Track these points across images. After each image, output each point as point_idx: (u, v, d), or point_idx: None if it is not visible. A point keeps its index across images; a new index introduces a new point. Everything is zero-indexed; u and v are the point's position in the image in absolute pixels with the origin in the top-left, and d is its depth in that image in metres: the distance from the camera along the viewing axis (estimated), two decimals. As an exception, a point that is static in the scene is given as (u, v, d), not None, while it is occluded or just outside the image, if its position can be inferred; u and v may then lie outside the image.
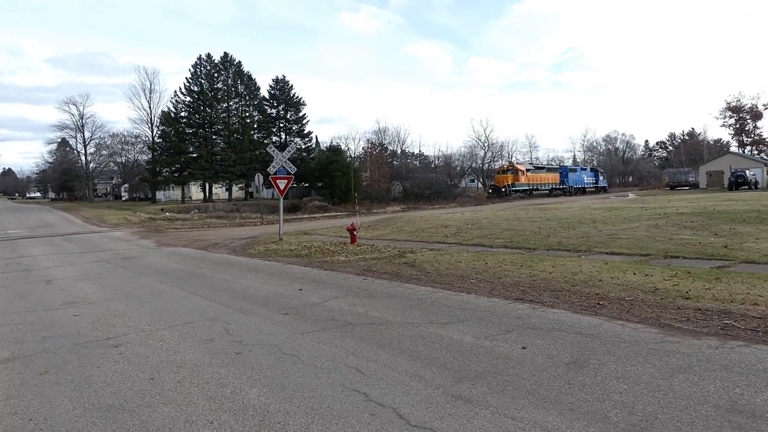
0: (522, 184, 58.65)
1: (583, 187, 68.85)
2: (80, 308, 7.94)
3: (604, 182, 76.01)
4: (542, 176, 63.49)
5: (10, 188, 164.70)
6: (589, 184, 70.73)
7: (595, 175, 74.01)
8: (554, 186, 64.40)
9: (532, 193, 59.93)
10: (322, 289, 8.84)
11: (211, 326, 6.46)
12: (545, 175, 64.31)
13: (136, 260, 14.83)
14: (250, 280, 10.19)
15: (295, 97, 63.38)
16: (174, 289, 9.40)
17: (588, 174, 73.00)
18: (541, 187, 62.18)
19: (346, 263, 12.23)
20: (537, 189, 61.12)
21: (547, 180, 63.92)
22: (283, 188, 18.37)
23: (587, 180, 70.98)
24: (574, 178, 67.78)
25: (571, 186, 66.40)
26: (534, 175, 61.84)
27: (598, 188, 72.29)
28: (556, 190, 64.27)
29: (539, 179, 62.35)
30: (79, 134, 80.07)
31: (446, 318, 6.49)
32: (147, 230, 28.23)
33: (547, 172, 65.92)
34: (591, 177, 72.71)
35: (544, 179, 63.31)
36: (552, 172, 66.90)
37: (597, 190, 71.12)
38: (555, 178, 65.43)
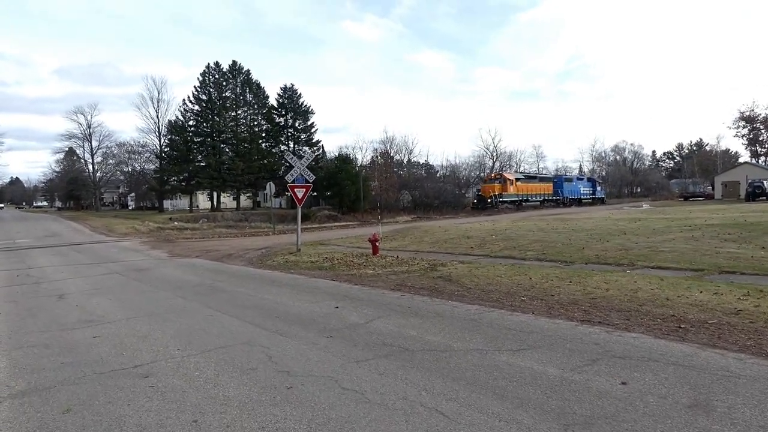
0: (510, 194, 54.84)
1: (579, 197, 65.63)
2: (99, 328, 7.23)
3: (602, 193, 72.92)
4: (533, 186, 59.85)
5: (17, 197, 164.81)
6: (585, 194, 67.49)
7: (592, 185, 70.79)
8: (547, 197, 61.10)
9: (521, 204, 56.04)
10: (360, 307, 8.11)
11: (249, 352, 5.73)
12: (537, 185, 60.68)
13: (150, 272, 14.14)
14: (278, 296, 9.48)
15: (303, 105, 62.96)
16: (197, 306, 8.69)
17: (585, 184, 69.63)
18: (532, 198, 58.68)
19: (375, 277, 11.50)
20: (527, 200, 57.49)
21: (539, 190, 60.45)
22: (302, 197, 17.68)
23: (584, 190, 67.64)
24: (569, 189, 64.55)
25: (566, 197, 63.11)
26: (524, 185, 58.10)
27: (595, 199, 68.92)
28: (548, 201, 61.02)
29: (530, 189, 58.78)
30: (86, 143, 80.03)
31: (514, 343, 5.75)
32: (157, 240, 27.57)
33: (539, 181, 62.43)
34: (588, 187, 69.42)
35: (535, 189, 59.77)
36: (545, 181, 63.51)
37: (594, 201, 67.81)
38: (548, 188, 62.08)
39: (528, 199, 57.26)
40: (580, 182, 68.56)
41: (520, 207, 54.35)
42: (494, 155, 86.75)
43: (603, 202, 69.43)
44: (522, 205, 55.19)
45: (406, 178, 67.84)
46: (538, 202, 58.84)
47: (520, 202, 55.78)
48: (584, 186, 68.29)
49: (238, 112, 60.21)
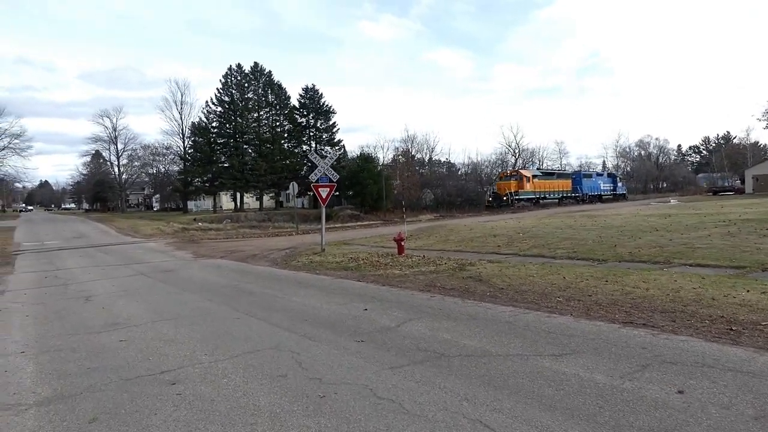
0: (527, 191, 52.53)
1: (599, 194, 63.38)
2: (125, 331, 7.11)
3: (623, 189, 70.43)
4: (551, 183, 57.20)
5: (46, 200, 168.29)
6: (606, 190, 65.19)
7: (612, 181, 68.15)
8: (565, 193, 58.55)
9: (538, 201, 53.92)
10: (389, 309, 7.88)
11: (278, 357, 5.53)
12: (555, 182, 58.03)
13: (176, 273, 14.09)
14: (305, 298, 9.29)
15: (325, 105, 62.96)
16: (224, 309, 8.54)
17: (605, 180, 66.98)
18: (550, 195, 56.19)
19: (402, 277, 11.25)
20: (545, 197, 55.15)
21: (557, 187, 57.79)
22: (326, 197, 17.52)
23: (604, 186, 65.24)
24: (588, 185, 62.07)
25: (586, 193, 60.80)
26: (542, 182, 55.53)
27: (617, 195, 66.75)
28: (567, 198, 58.61)
29: (548, 186, 56.12)
30: (112, 146, 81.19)
31: (555, 348, 5.46)
32: (181, 241, 27.70)
33: (557, 178, 59.77)
34: (608, 183, 66.92)
35: (553, 186, 57.11)
36: (563, 178, 60.92)
37: (615, 198, 65.66)
38: (566, 184, 59.37)
39: (545, 197, 55.10)
40: (599, 178, 66.06)
41: (537, 204, 52.58)
42: (516, 152, 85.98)
43: (624, 198, 67.28)
44: (539, 203, 53.33)
45: (428, 177, 67.47)
46: (557, 200, 56.70)
47: (538, 199, 53.78)
48: (604, 182, 65.91)
49: (260, 113, 60.46)
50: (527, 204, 51.12)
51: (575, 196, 59.21)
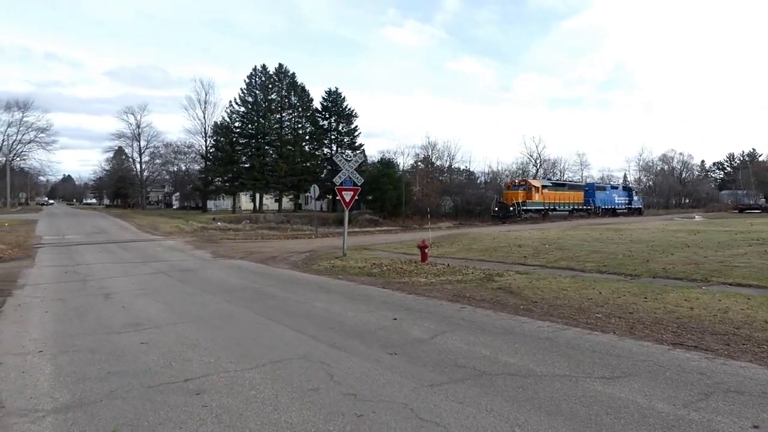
0: (536, 202, 49.56)
1: (614, 207, 59.82)
2: (146, 333, 6.85)
3: (639, 203, 66.61)
4: (561, 194, 53.87)
5: (68, 194, 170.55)
6: (620, 204, 61.68)
7: (628, 195, 64.47)
8: (577, 206, 55.29)
9: (547, 213, 50.64)
10: (419, 320, 7.53)
11: (307, 368, 5.22)
12: (566, 194, 54.71)
13: (195, 273, 13.88)
14: (329, 303, 8.98)
15: (347, 109, 62.83)
16: (246, 312, 8.26)
17: (620, 193, 63.56)
18: (560, 207, 52.94)
19: (429, 286, 10.90)
20: (555, 209, 51.88)
21: (568, 199, 54.48)
22: (349, 200, 17.23)
23: (618, 200, 61.67)
24: (602, 197, 58.68)
25: (598, 206, 57.27)
26: (551, 193, 52.31)
27: (632, 209, 63.12)
28: (578, 210, 55.30)
29: (558, 198, 52.90)
30: (135, 143, 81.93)
31: (604, 369, 5.08)
32: (200, 240, 27.59)
33: (568, 189, 56.38)
34: (623, 196, 63.31)
35: (563, 198, 53.85)
36: (574, 189, 57.47)
37: (630, 212, 62.30)
38: (578, 196, 56.08)
39: (555, 208, 52.06)
40: (614, 191, 63.12)
41: (546, 217, 49.82)
42: (537, 162, 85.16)
43: (640, 212, 64.48)
44: (548, 215, 50.44)
45: (448, 184, 66.96)
46: (567, 212, 53.63)
47: (546, 211, 50.81)
48: (619, 195, 62.88)
49: (282, 114, 60.51)
50: (535, 215, 48.73)
51: (587, 209, 56.42)
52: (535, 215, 48.46)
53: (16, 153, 76.77)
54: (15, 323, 7.66)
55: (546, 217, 49.33)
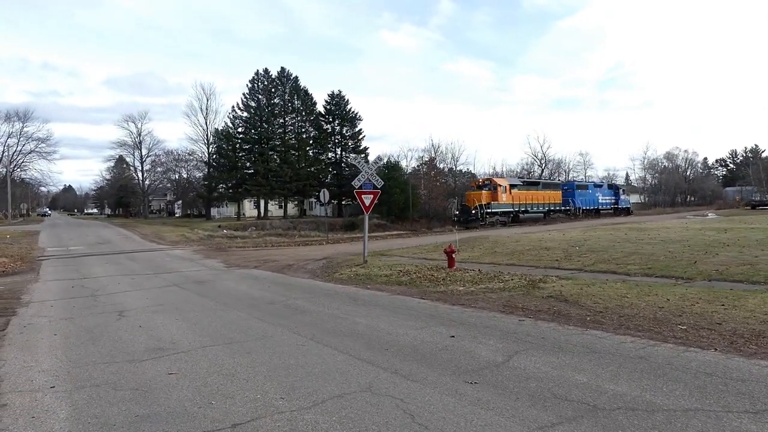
0: (502, 204, 43.27)
1: (597, 208, 54.28)
2: (172, 360, 5.94)
3: (626, 202, 60.60)
4: (535, 194, 47.65)
5: (69, 204, 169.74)
6: (605, 204, 56.03)
7: (614, 194, 58.72)
8: (554, 207, 49.16)
9: (517, 216, 44.79)
10: (480, 337, 6.62)
11: (378, 405, 4.30)
12: (539, 193, 48.53)
13: (212, 285, 12.98)
14: (370, 318, 8.07)
15: (351, 111, 62.06)
16: (281, 331, 7.34)
17: (604, 192, 57.40)
18: (533, 209, 46.83)
19: (471, 296, 9.99)
20: (526, 211, 45.92)
21: (543, 199, 48.41)
22: (369, 204, 16.33)
23: (603, 199, 55.87)
24: (584, 197, 52.89)
25: (579, 207, 51.36)
26: (522, 193, 46.10)
27: (618, 209, 57.55)
28: (556, 212, 49.20)
29: (530, 198, 46.63)
30: (136, 151, 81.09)
31: (743, 400, 4.15)
32: (208, 248, 26.73)
33: (543, 188, 50.19)
34: (608, 195, 57.54)
35: (537, 198, 47.63)
36: (550, 189, 51.31)
37: (616, 212, 56.81)
38: (554, 196, 49.93)
39: (527, 210, 46.09)
40: (598, 189, 56.80)
41: (516, 220, 44.52)
42: (542, 163, 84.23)
43: (628, 212, 58.84)
44: (518, 218, 44.80)
45: (454, 187, 66.10)
46: (541, 214, 47.81)
47: (516, 213, 44.92)
48: (603, 194, 56.87)
49: (286, 118, 59.67)
50: (503, 219, 43.05)
51: (566, 210, 50.58)
52: (502, 219, 43.02)
53: (17, 164, 75.91)
54: (21, 350, 6.75)
55: (516, 220, 44.42)
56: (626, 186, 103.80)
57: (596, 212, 53.53)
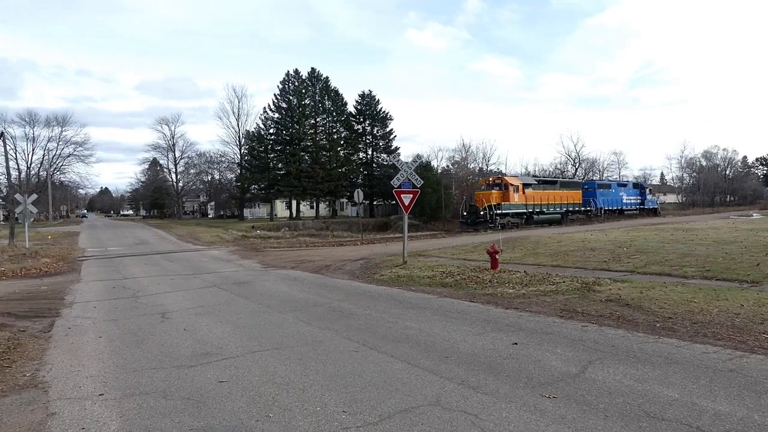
0: (514, 205, 39.44)
1: (621, 208, 50.55)
2: (221, 366, 5.67)
3: (653, 202, 56.69)
4: (551, 194, 43.50)
5: (106, 206, 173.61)
6: (630, 204, 52.27)
7: (640, 194, 54.58)
8: (573, 207, 45.25)
9: (531, 217, 40.82)
10: (545, 344, 6.18)
11: (451, 422, 3.92)
12: (557, 193, 44.34)
13: (252, 286, 12.77)
14: (422, 323, 7.69)
15: (382, 111, 61.70)
16: (331, 336, 7.01)
17: (629, 191, 53.37)
18: (549, 210, 42.68)
19: (523, 299, 9.53)
20: (541, 212, 41.82)
21: (561, 199, 44.30)
22: (408, 204, 15.95)
23: (627, 199, 52.04)
24: (606, 197, 49.10)
25: (600, 207, 47.52)
26: (537, 193, 41.88)
27: (644, 210, 53.63)
28: (574, 213, 45.44)
29: (546, 198, 42.46)
30: (170, 153, 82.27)
31: None
32: (244, 249, 26.69)
33: (560, 188, 45.69)
34: (633, 195, 53.58)
35: (554, 198, 43.49)
36: (569, 188, 47.09)
37: (641, 212, 52.99)
38: (574, 196, 45.98)
39: (542, 211, 41.96)
40: (622, 189, 52.78)
41: (530, 221, 40.65)
42: (576, 162, 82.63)
43: (655, 213, 55.20)
44: (532, 219, 40.86)
45: (486, 186, 65.16)
46: (558, 215, 43.70)
47: (530, 215, 40.95)
48: (628, 194, 52.97)
49: (317, 119, 59.67)
50: (515, 221, 39.39)
51: (586, 211, 46.77)
52: (514, 220, 39.42)
53: (57, 167, 77.77)
54: (67, 353, 6.57)
55: (530, 221, 40.68)
56: (661, 185, 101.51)
57: (620, 213, 50.12)
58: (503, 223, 37.96)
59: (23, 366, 6.04)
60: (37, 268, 17.99)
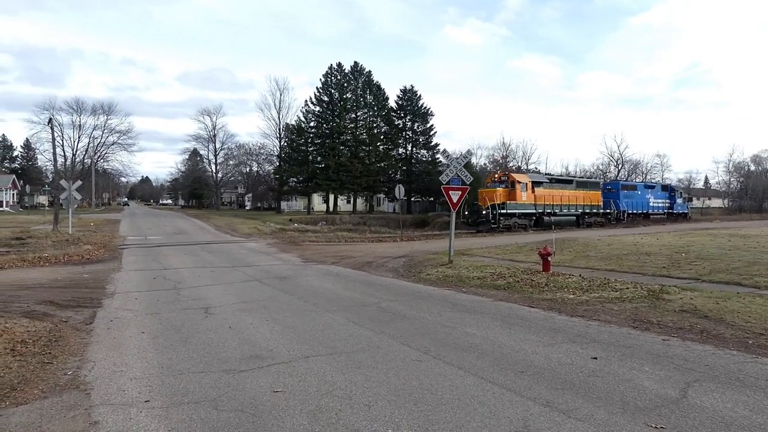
0: (522, 204, 35.26)
1: (646, 211, 45.97)
2: (274, 373, 5.21)
3: (683, 207, 51.59)
4: (565, 194, 38.70)
5: (146, 195, 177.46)
6: (657, 208, 47.49)
7: (668, 196, 49.51)
8: (590, 209, 40.67)
9: (541, 219, 36.35)
10: (628, 360, 5.55)
11: (548, 456, 3.36)
12: (573, 193, 39.40)
13: (294, 282, 12.38)
14: (483, 329, 7.11)
15: (423, 107, 61.03)
16: (387, 341, 6.49)
17: (656, 194, 48.37)
18: (561, 211, 38.14)
19: (586, 305, 8.86)
20: (553, 213, 37.20)
21: (577, 200, 39.44)
22: (457, 201, 15.37)
23: (654, 202, 47.26)
24: (630, 200, 44.77)
25: (623, 210, 43.31)
26: (548, 192, 37.31)
27: (673, 215, 48.77)
28: (592, 215, 41.00)
29: (559, 198, 37.91)
30: (210, 144, 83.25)
31: None
32: (282, 242, 26.46)
33: (576, 187, 40.40)
34: (662, 199, 48.56)
35: (568, 198, 38.77)
36: (587, 188, 41.86)
37: (669, 217, 48.09)
38: (592, 197, 41.09)
39: (554, 212, 37.36)
40: (648, 191, 47.95)
41: (539, 224, 36.22)
42: (619, 163, 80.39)
43: (686, 218, 50.60)
44: (542, 221, 36.21)
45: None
46: (573, 217, 39.31)
47: (539, 216, 36.55)
48: (655, 196, 47.95)
49: (357, 113, 59.39)
50: (522, 222, 35.46)
51: (606, 214, 42.24)
52: (521, 222, 35.47)
53: (101, 155, 79.61)
54: (110, 349, 6.22)
55: (540, 224, 36.15)
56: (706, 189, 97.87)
57: (645, 216, 45.72)
58: (509, 224, 34.47)
59: (65, 362, 5.71)
60: (79, 254, 18.01)
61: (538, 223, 36.39)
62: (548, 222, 35.78)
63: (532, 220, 36.33)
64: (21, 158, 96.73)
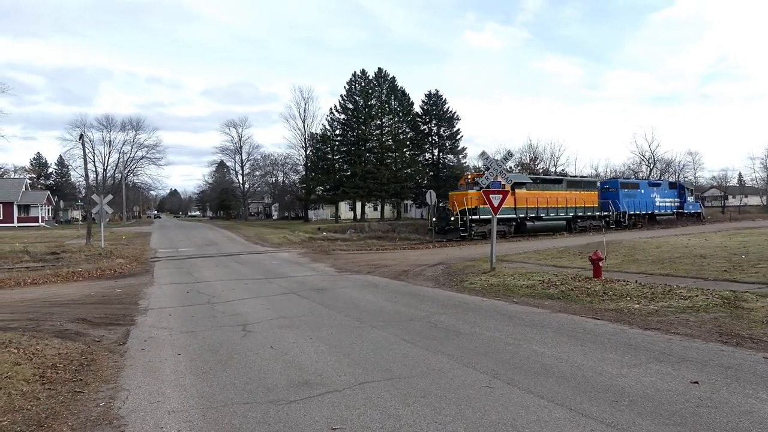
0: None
1: (651, 212, 41.36)
2: (327, 404, 4.58)
3: (695, 206, 47.14)
4: (554, 195, 34.03)
5: (175, 207, 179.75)
6: (664, 208, 42.74)
7: (677, 195, 44.66)
8: (583, 212, 35.82)
9: (523, 225, 32.10)
10: (738, 384, 4.78)
11: None
12: (562, 194, 34.60)
13: (332, 294, 11.80)
14: (552, 347, 6.37)
15: (449, 111, 60.30)
16: (448, 363, 5.82)
17: (663, 192, 43.44)
18: (549, 215, 33.47)
19: (658, 316, 8.06)
20: (538, 218, 32.73)
21: (567, 202, 34.68)
22: (498, 205, 14.60)
23: (661, 202, 42.49)
24: (632, 200, 39.73)
25: (623, 212, 38.44)
26: (532, 194, 32.65)
27: (684, 214, 44.28)
28: (586, 218, 36.12)
29: (545, 201, 33.21)
30: (237, 156, 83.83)
31: None
32: (312, 251, 25.98)
33: (567, 188, 35.48)
34: (669, 198, 43.78)
35: (557, 201, 34.02)
36: (580, 188, 36.80)
37: (680, 218, 43.65)
38: (587, 198, 36.29)
39: (539, 216, 32.80)
40: (653, 189, 42.81)
41: (521, 230, 32.10)
42: (651, 162, 78.35)
43: (699, 218, 46.09)
44: (524, 227, 32.15)
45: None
46: (562, 221, 34.71)
47: (521, 221, 32.07)
48: (662, 195, 43.01)
49: (382, 119, 58.89)
50: (500, 229, 29.06)
51: (603, 216, 37.17)
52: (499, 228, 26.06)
53: (130, 169, 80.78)
54: (145, 374, 5.69)
55: (521, 231, 32.05)
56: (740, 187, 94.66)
57: (650, 218, 41.49)
58: (483, 231, 29.16)
59: (97, 391, 5.18)
60: (112, 268, 17.76)
61: (519, 229, 32.18)
62: (531, 227, 32.49)
63: (512, 227, 31.98)
64: (55, 175, 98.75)
